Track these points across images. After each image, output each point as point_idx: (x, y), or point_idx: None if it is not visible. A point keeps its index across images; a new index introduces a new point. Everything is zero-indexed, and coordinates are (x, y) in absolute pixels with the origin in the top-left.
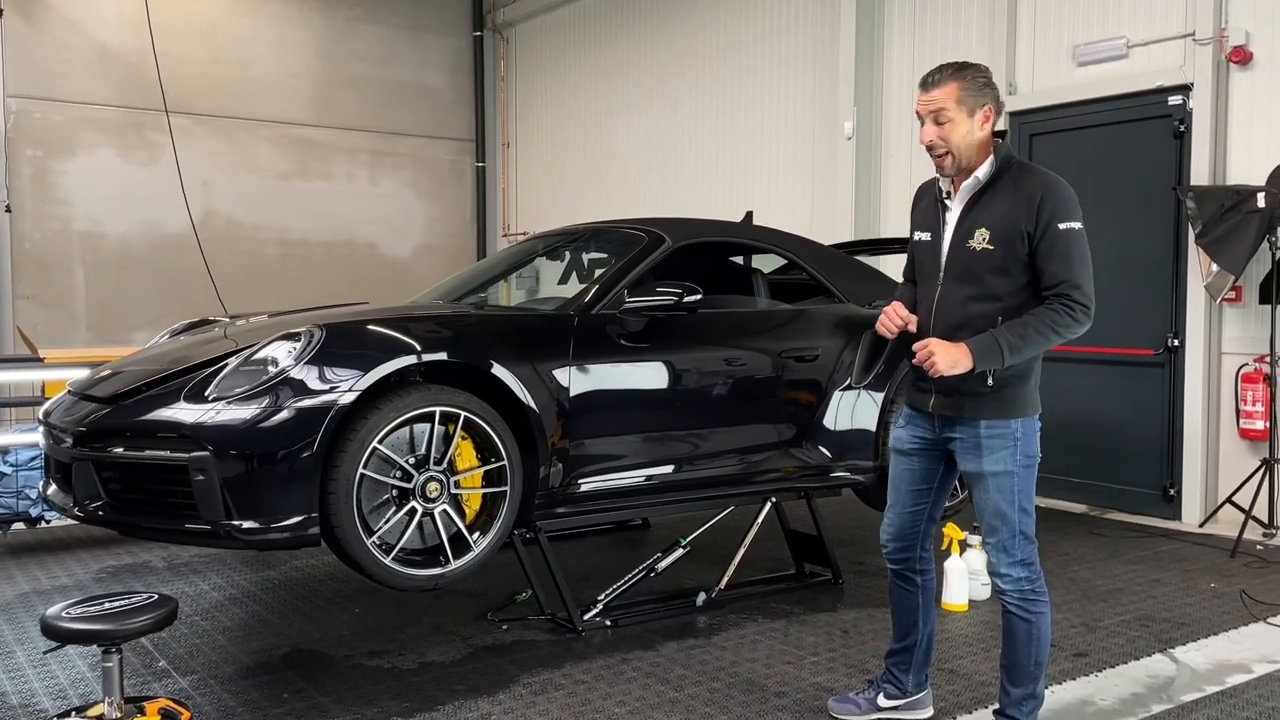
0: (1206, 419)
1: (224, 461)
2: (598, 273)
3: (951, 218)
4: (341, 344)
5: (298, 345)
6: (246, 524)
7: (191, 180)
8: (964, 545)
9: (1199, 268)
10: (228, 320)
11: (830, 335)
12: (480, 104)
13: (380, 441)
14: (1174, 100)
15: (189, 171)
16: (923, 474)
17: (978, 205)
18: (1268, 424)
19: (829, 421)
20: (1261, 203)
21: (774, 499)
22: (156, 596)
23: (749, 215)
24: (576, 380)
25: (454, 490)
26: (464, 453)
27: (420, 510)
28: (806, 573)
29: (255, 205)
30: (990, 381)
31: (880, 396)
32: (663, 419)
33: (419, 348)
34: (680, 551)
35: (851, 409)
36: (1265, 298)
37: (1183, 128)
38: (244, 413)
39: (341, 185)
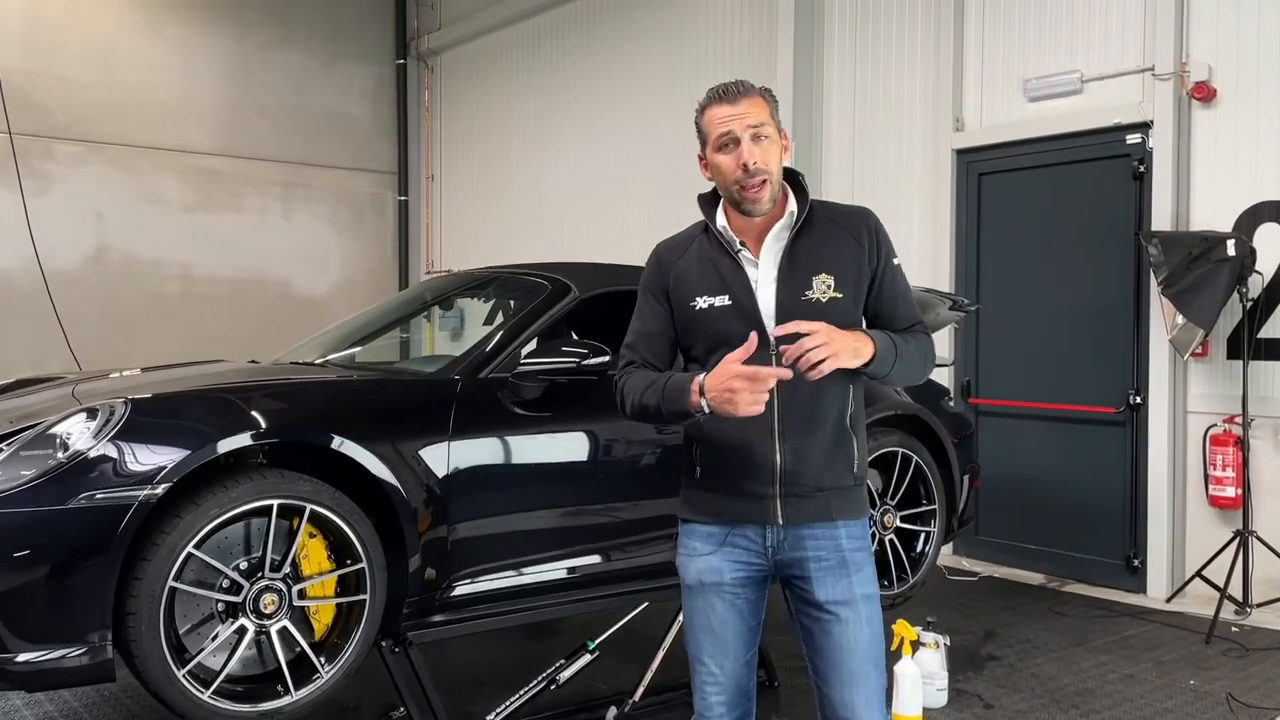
0: (1172, 484)
1: None
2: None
3: (762, 272)
4: (152, 420)
5: (94, 422)
6: (22, 657)
7: (83, 213)
8: (916, 645)
9: (1163, 319)
10: (75, 377)
11: None
12: (404, 135)
13: (199, 545)
14: (1132, 139)
15: (80, 203)
16: (751, 610)
17: (797, 249)
18: (1240, 491)
19: None
20: (1232, 250)
21: None
22: None
23: None
24: (458, 460)
25: (297, 602)
26: (311, 554)
27: (252, 629)
28: None
29: (156, 240)
30: (855, 469)
31: None
32: (565, 505)
33: (258, 424)
34: (587, 658)
35: None
36: (1234, 352)
37: (1142, 168)
38: (17, 509)
39: (252, 219)
